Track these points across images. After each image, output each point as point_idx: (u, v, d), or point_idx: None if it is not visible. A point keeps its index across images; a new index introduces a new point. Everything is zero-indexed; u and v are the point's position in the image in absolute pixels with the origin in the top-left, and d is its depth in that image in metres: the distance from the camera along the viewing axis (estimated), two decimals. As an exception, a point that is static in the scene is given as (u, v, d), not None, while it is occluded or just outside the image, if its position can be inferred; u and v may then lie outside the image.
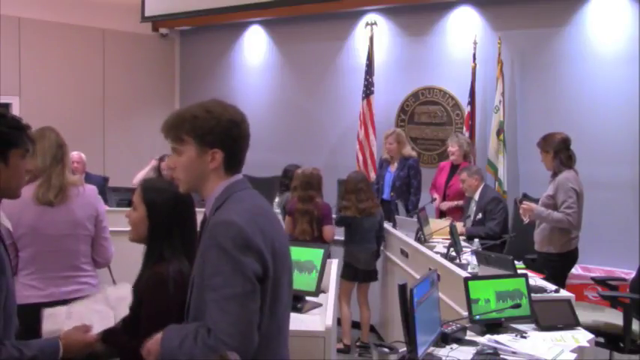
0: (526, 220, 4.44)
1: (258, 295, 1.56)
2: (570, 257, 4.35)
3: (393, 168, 5.89)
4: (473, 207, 5.19)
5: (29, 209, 2.63)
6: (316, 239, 4.66)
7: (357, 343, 4.98)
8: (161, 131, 1.75)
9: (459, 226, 4.88)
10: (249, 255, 1.55)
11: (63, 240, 2.73)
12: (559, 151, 4.28)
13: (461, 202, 5.48)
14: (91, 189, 2.91)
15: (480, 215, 5.07)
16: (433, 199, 5.73)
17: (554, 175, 4.31)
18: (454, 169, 5.69)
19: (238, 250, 1.55)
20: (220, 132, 1.68)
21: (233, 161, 1.72)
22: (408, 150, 5.93)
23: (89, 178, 5.90)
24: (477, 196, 5.16)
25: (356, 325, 5.04)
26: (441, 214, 5.71)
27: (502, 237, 4.81)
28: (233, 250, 1.55)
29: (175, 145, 1.72)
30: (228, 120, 1.70)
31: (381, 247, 5.09)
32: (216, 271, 1.56)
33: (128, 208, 2.16)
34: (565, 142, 4.30)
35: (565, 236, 4.25)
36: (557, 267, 4.25)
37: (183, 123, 1.70)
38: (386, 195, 5.84)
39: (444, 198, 5.72)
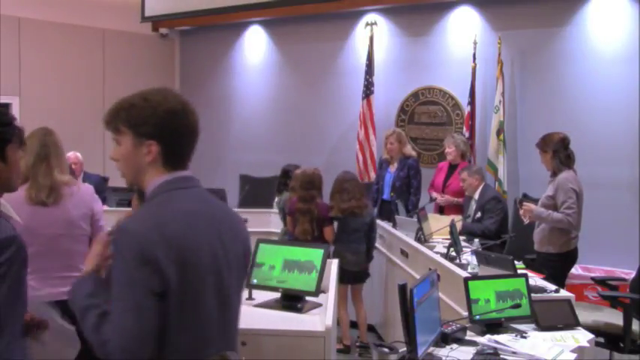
0: (526, 220, 4.44)
1: (154, 310, 1.44)
2: (570, 257, 4.34)
3: (392, 168, 5.88)
4: (473, 206, 5.19)
5: (23, 209, 2.62)
6: (316, 239, 4.66)
7: (357, 344, 4.98)
8: (102, 121, 1.65)
9: (458, 222, 4.87)
10: (144, 268, 1.43)
11: (58, 240, 2.73)
12: (557, 151, 4.28)
13: (460, 200, 5.47)
14: (87, 188, 2.90)
15: (479, 214, 5.07)
16: (432, 199, 5.73)
17: (554, 175, 4.31)
18: (452, 168, 5.69)
19: (134, 262, 1.44)
20: (155, 122, 1.56)
21: (173, 156, 1.59)
22: (409, 150, 5.92)
23: (87, 178, 5.90)
24: (476, 196, 5.16)
25: (355, 324, 5.03)
26: (440, 210, 5.72)
27: (502, 237, 4.81)
28: (129, 262, 1.45)
29: (115, 136, 1.63)
30: (165, 110, 1.57)
31: (375, 247, 5.08)
32: (115, 280, 1.47)
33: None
34: (563, 142, 4.31)
35: (565, 236, 4.25)
36: (557, 267, 4.25)
37: (120, 112, 1.60)
38: (386, 195, 5.84)
39: None
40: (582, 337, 2.79)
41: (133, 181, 1.66)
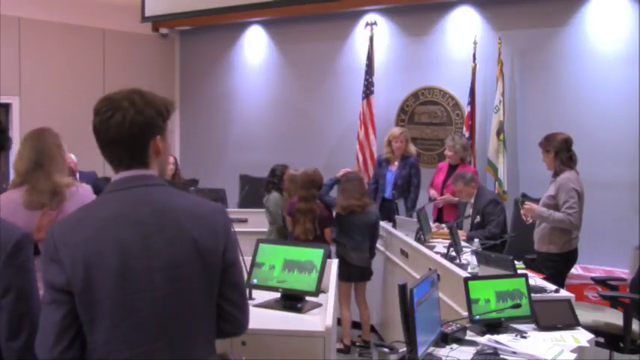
0: (528, 221, 4.44)
1: (61, 304, 1.53)
2: (570, 257, 4.35)
3: (394, 167, 5.89)
4: (469, 208, 5.16)
5: (20, 213, 2.60)
6: (318, 239, 4.67)
7: (357, 343, 4.98)
8: None
9: (460, 233, 4.87)
10: (52, 265, 1.54)
11: None
12: (560, 151, 4.29)
13: (456, 199, 5.46)
14: (86, 189, 2.89)
15: (478, 218, 5.05)
16: (432, 199, 5.73)
17: (556, 175, 4.32)
18: (452, 169, 5.70)
19: (46, 259, 1.56)
20: None
21: (104, 157, 1.65)
22: (411, 148, 5.99)
23: (83, 176, 5.95)
24: (472, 199, 5.13)
25: (356, 325, 5.04)
26: (439, 211, 5.73)
27: (502, 237, 4.80)
28: (42, 260, 1.57)
29: None
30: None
31: (377, 247, 5.09)
32: None
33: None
34: (566, 143, 4.32)
35: (566, 236, 4.25)
36: (557, 267, 4.25)
37: None
38: (387, 194, 5.84)
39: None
40: (582, 337, 2.79)
41: None
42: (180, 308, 1.61)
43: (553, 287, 3.44)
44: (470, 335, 2.74)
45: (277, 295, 3.02)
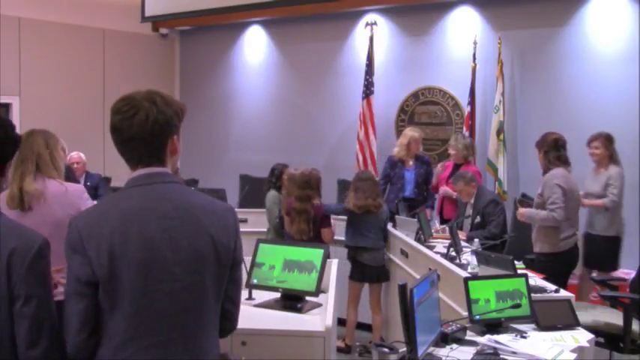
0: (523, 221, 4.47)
1: (84, 296, 1.59)
2: (567, 258, 4.30)
3: (409, 166, 5.88)
4: (469, 209, 5.17)
5: (6, 213, 2.60)
6: (312, 239, 4.65)
7: (357, 343, 4.97)
8: None
9: (460, 233, 4.87)
10: (76, 257, 1.60)
11: None
12: (548, 151, 4.32)
13: (454, 194, 5.47)
14: (76, 189, 2.86)
15: (478, 218, 5.05)
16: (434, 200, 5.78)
17: (544, 174, 4.34)
18: (457, 167, 5.72)
19: (69, 251, 1.62)
20: None
21: (122, 154, 1.72)
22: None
23: (89, 177, 5.97)
24: (472, 199, 5.14)
25: (360, 326, 5.01)
26: (441, 207, 5.80)
27: (502, 237, 4.81)
28: (66, 251, 1.63)
29: None
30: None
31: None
32: None
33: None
34: (556, 142, 4.32)
35: (554, 234, 4.22)
36: (551, 267, 4.16)
37: None
38: (409, 192, 5.83)
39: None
40: (582, 337, 2.79)
41: None
42: (195, 301, 1.67)
43: (553, 287, 3.44)
44: (470, 335, 2.74)
45: (277, 295, 3.02)
